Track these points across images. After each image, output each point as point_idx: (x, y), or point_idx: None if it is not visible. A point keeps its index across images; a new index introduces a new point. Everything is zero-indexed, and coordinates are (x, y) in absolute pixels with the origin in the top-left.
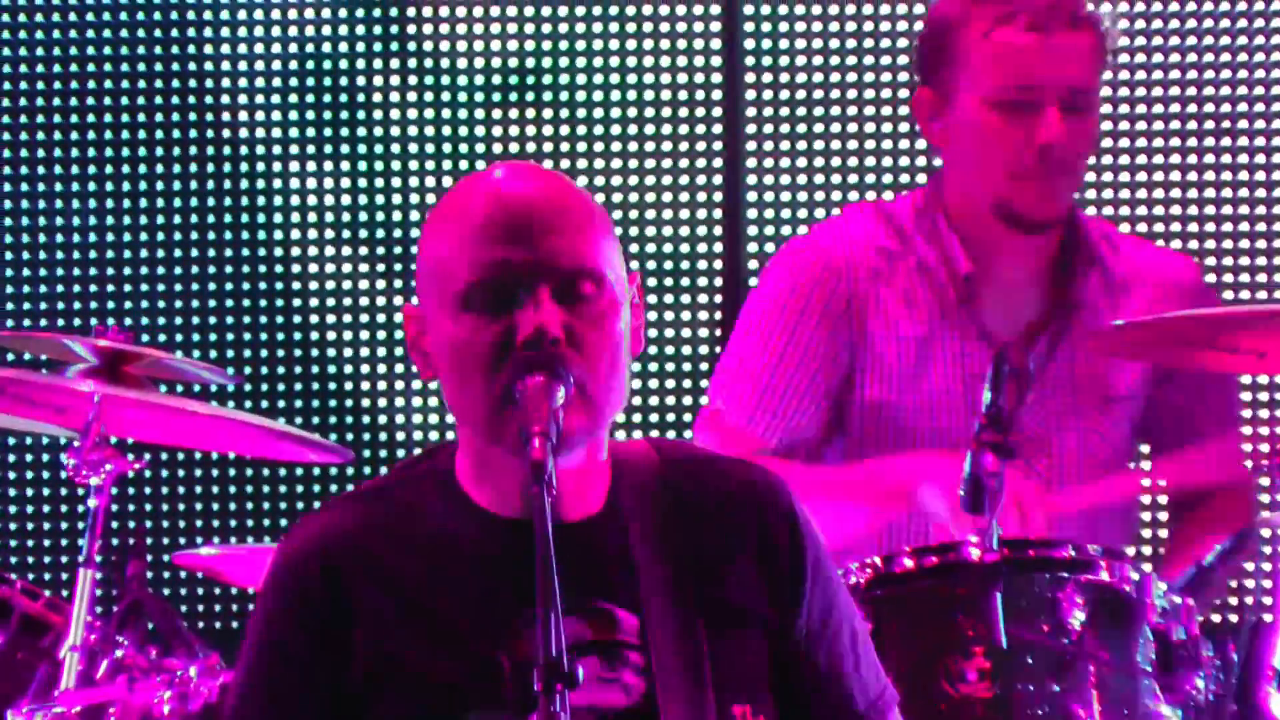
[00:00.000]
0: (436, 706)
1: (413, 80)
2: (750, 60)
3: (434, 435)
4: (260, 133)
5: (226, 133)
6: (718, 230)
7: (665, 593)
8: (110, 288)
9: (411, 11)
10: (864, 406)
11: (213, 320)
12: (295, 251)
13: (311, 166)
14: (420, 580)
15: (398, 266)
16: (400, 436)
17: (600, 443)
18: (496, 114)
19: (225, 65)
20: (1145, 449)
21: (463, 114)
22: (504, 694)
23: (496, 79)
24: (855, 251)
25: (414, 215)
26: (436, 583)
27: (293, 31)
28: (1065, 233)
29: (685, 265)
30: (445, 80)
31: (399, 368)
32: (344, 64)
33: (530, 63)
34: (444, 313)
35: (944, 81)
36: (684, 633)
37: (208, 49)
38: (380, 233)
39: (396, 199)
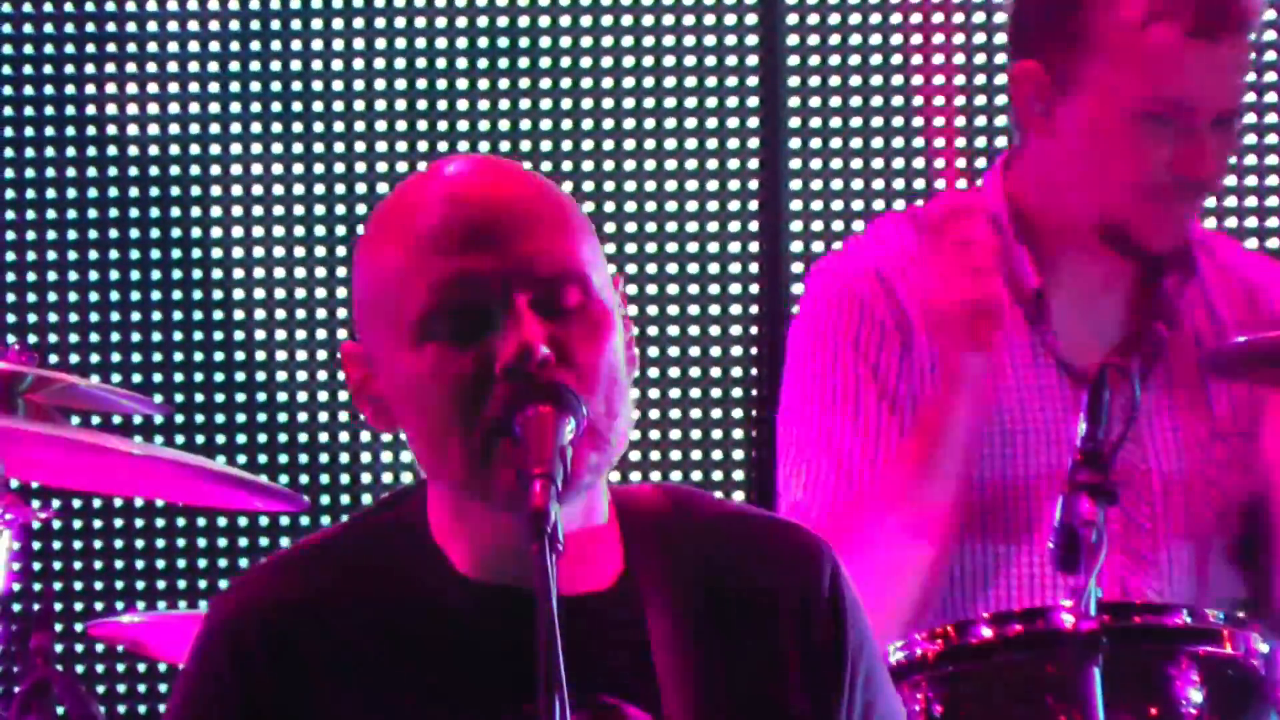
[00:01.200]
0: None
1: (378, 65)
2: (793, 40)
3: (407, 478)
4: (195, 108)
5: (154, 110)
6: (753, 227)
7: (687, 688)
8: (10, 297)
9: None
10: None
11: (136, 338)
12: (238, 254)
13: (257, 149)
14: (386, 662)
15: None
16: (366, 479)
17: (600, 493)
18: (483, 104)
19: (151, 67)
20: None
21: (442, 105)
22: None
23: (482, 61)
24: (890, 260)
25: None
26: (406, 665)
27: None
28: None
29: (716, 272)
30: (419, 64)
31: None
32: (291, 53)
33: (523, 39)
34: (399, 347)
35: (1067, 64)
36: None
37: (130, 50)
38: (342, 231)
39: (361, 188)
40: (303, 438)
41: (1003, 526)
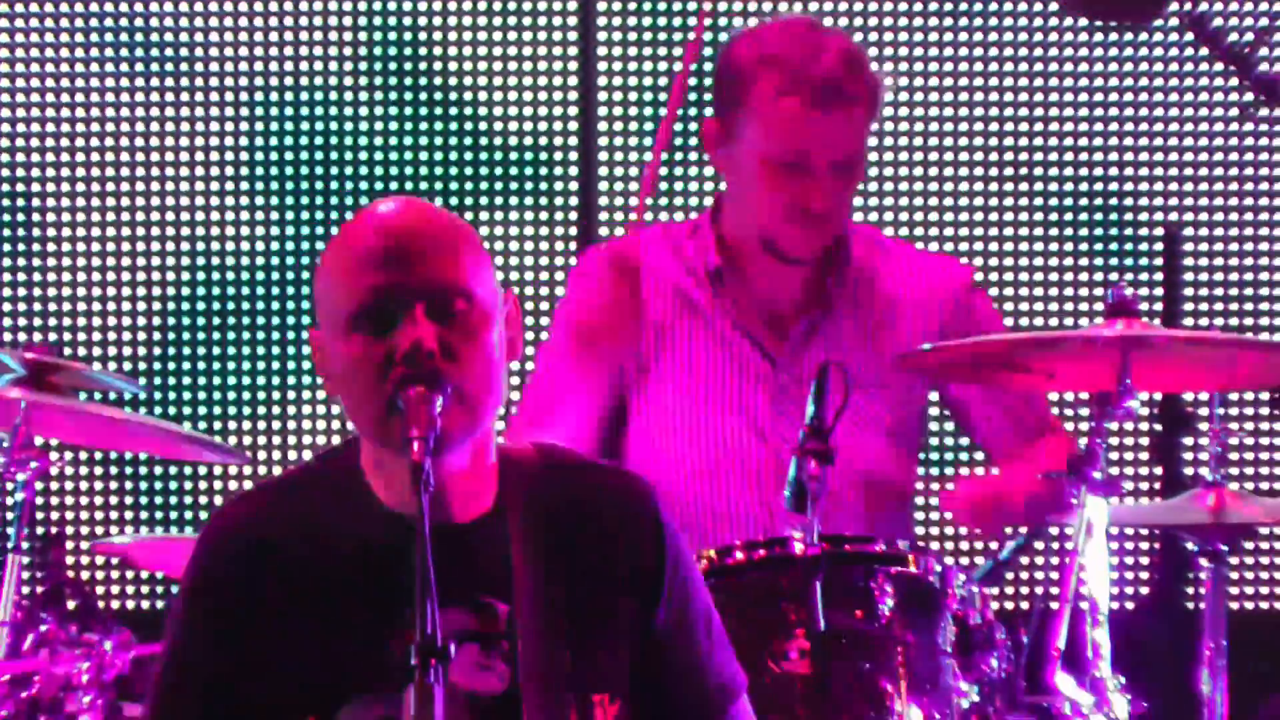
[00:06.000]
0: (329, 688)
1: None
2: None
3: (321, 439)
4: (171, 157)
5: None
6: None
7: (535, 590)
8: (36, 306)
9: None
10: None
11: (126, 336)
12: (200, 276)
13: (224, 193)
14: (318, 570)
15: (289, 290)
16: (292, 441)
17: (485, 445)
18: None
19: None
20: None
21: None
22: (392, 677)
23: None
24: (636, 251)
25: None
26: (334, 573)
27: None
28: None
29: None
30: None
31: (290, 379)
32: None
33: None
34: (336, 335)
35: (730, 122)
36: (548, 628)
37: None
38: (286, 259)
39: (305, 216)
40: (246, 410)
41: (731, 474)
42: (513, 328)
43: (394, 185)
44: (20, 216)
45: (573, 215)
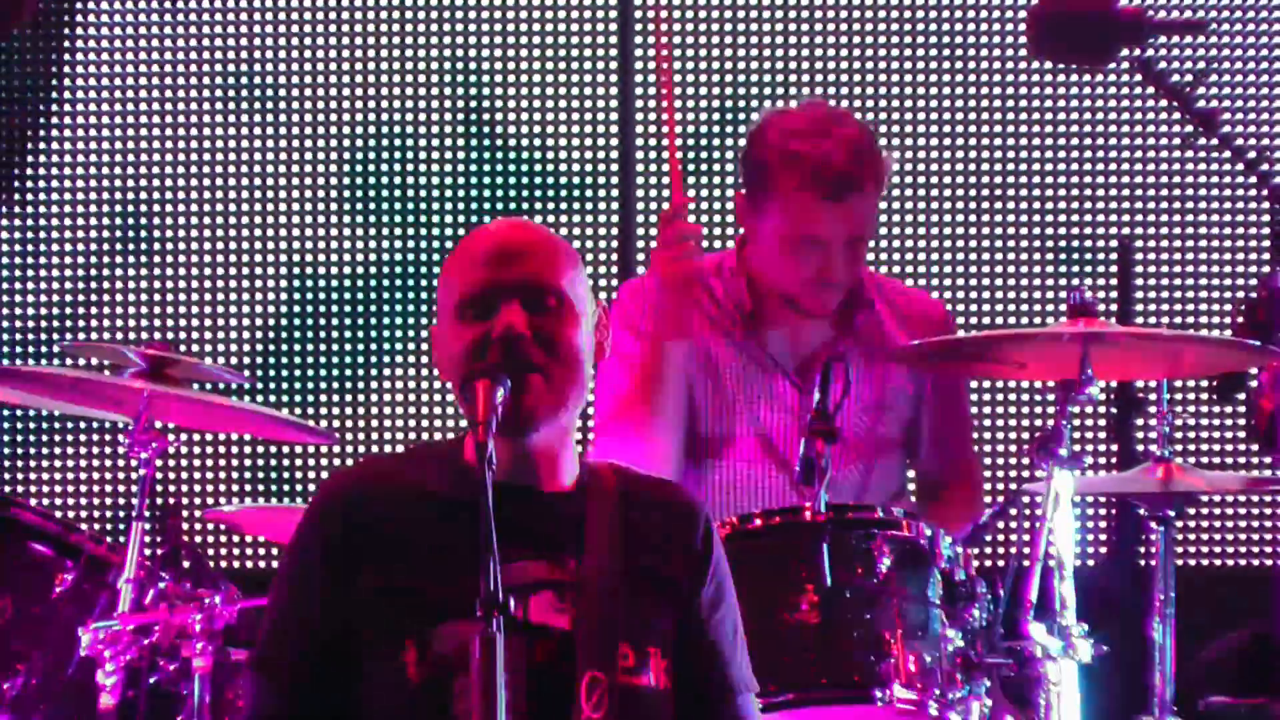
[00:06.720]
0: (424, 616)
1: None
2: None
3: (400, 423)
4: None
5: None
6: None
7: (601, 553)
8: (156, 309)
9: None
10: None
11: (233, 334)
12: (296, 282)
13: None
14: (415, 519)
15: (385, 295)
16: (375, 424)
17: (567, 429)
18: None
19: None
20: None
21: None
22: (476, 609)
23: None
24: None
25: (384, 246)
26: (428, 523)
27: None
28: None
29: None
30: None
31: (374, 370)
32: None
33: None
34: (447, 321)
35: (757, 200)
36: (608, 585)
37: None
38: (370, 268)
39: (385, 231)
40: (335, 398)
41: (741, 454)
42: (601, 332)
43: (461, 204)
44: (144, 231)
45: (614, 243)
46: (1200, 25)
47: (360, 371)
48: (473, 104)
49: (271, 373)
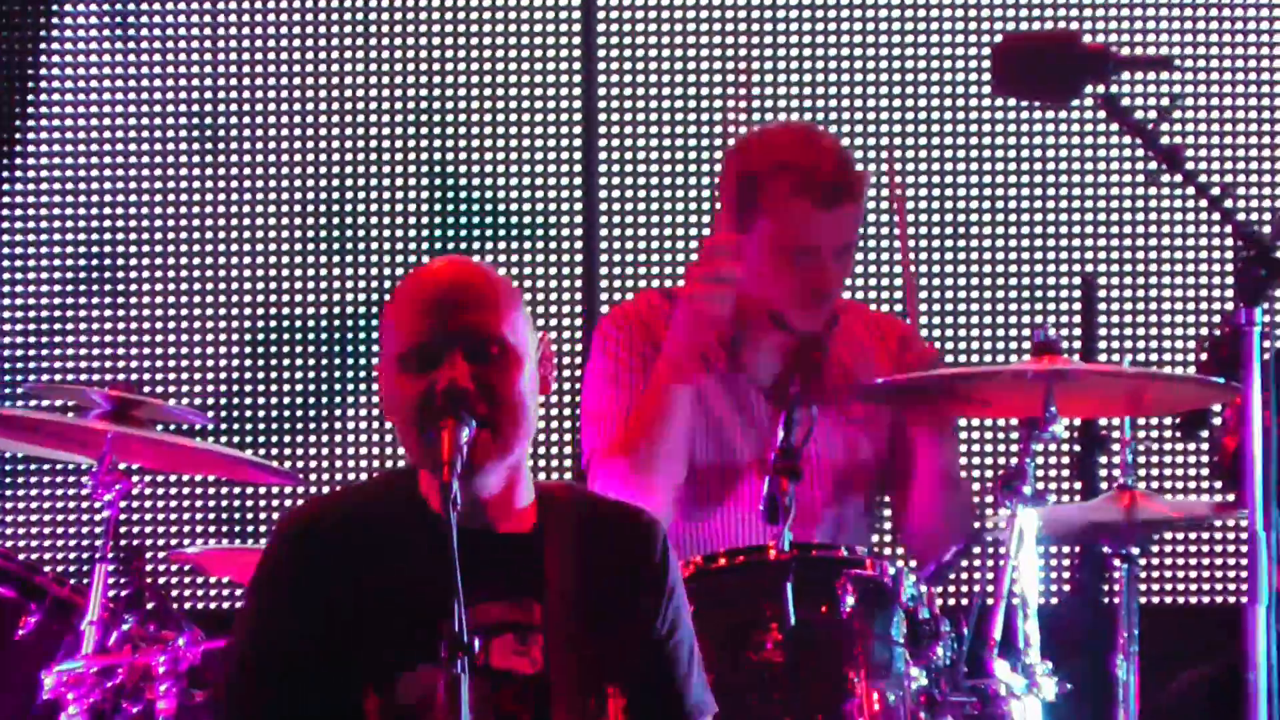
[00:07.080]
0: (384, 662)
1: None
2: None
3: (364, 463)
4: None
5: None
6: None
7: (565, 594)
8: (120, 350)
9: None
10: None
11: (196, 376)
12: (260, 324)
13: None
14: (375, 559)
15: (347, 335)
16: (338, 464)
17: (519, 470)
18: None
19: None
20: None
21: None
22: (439, 653)
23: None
24: (650, 313)
25: (348, 288)
26: (389, 563)
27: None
28: None
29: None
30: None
31: (337, 411)
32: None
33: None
34: (391, 371)
35: (744, 216)
36: (575, 627)
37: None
38: (333, 309)
39: (349, 273)
40: (299, 438)
41: (725, 494)
42: (545, 366)
43: (425, 244)
44: (107, 273)
45: (578, 281)
46: (1165, 62)
47: (323, 412)
48: (436, 143)
49: (235, 413)
